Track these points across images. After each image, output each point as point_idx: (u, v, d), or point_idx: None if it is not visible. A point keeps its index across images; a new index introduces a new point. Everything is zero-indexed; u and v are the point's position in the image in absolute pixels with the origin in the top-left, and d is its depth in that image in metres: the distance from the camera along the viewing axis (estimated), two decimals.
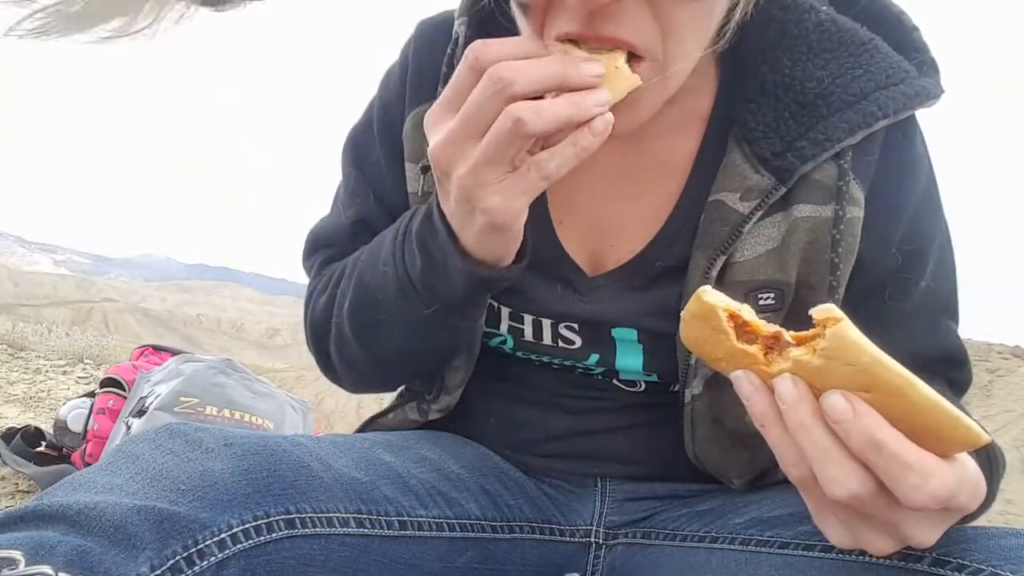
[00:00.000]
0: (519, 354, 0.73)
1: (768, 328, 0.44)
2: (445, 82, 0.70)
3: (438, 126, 0.52)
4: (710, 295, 0.44)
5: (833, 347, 0.40)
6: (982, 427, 0.43)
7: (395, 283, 0.64)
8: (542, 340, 0.71)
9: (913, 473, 0.40)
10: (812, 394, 0.42)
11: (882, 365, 0.40)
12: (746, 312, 0.45)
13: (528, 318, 0.70)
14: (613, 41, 0.52)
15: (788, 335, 0.43)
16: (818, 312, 0.42)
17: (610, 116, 0.50)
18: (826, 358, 0.41)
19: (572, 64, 0.49)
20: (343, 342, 0.73)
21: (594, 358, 0.70)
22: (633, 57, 0.52)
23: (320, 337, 0.77)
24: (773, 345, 0.44)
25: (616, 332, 0.68)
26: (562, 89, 0.49)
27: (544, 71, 0.48)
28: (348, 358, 0.74)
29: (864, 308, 0.65)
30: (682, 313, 0.47)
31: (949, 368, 0.70)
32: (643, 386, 0.72)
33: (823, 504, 0.46)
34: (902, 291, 0.67)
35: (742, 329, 0.44)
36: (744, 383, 0.45)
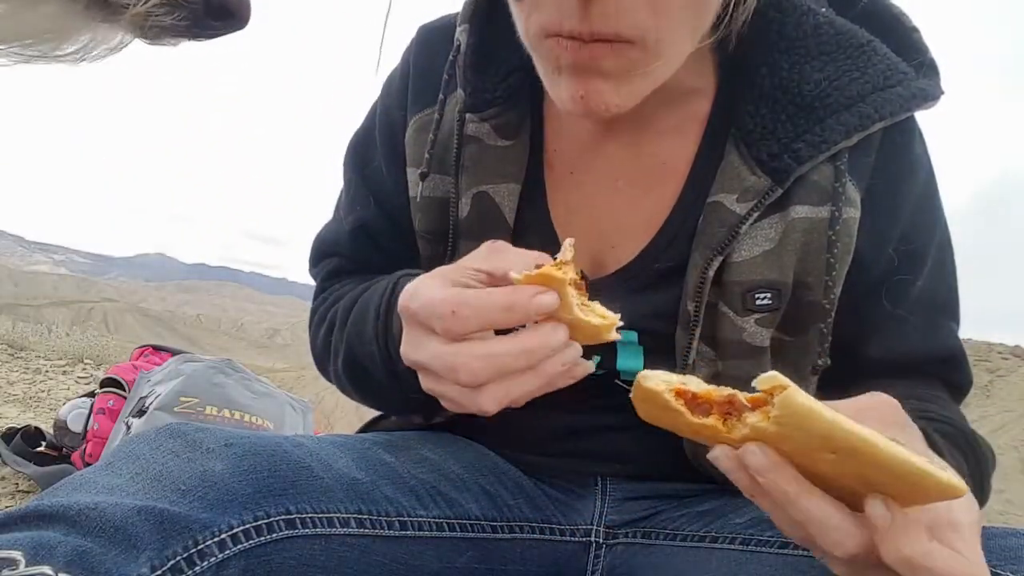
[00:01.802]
0: None
1: (721, 393, 0.43)
2: (447, 88, 0.71)
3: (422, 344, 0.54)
4: (651, 380, 0.43)
5: (784, 415, 0.39)
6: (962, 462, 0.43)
7: (382, 365, 0.66)
8: None
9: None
10: (784, 460, 0.41)
11: (838, 429, 0.38)
12: (693, 384, 0.43)
13: None
14: (608, 36, 0.52)
15: (743, 397, 0.42)
16: (761, 382, 0.40)
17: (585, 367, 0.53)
18: (780, 425, 0.40)
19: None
20: (343, 386, 0.77)
21: (595, 359, 0.70)
22: (623, 42, 0.53)
23: (322, 365, 0.80)
24: (730, 411, 0.42)
25: None
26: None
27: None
28: (350, 395, 0.77)
29: (861, 308, 0.65)
30: (631, 395, 0.45)
31: (946, 369, 0.70)
32: None
33: (829, 556, 0.45)
34: (899, 291, 0.67)
35: (694, 402, 0.43)
36: (723, 460, 0.44)
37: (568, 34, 0.53)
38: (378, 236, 0.79)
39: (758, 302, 0.63)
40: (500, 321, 0.49)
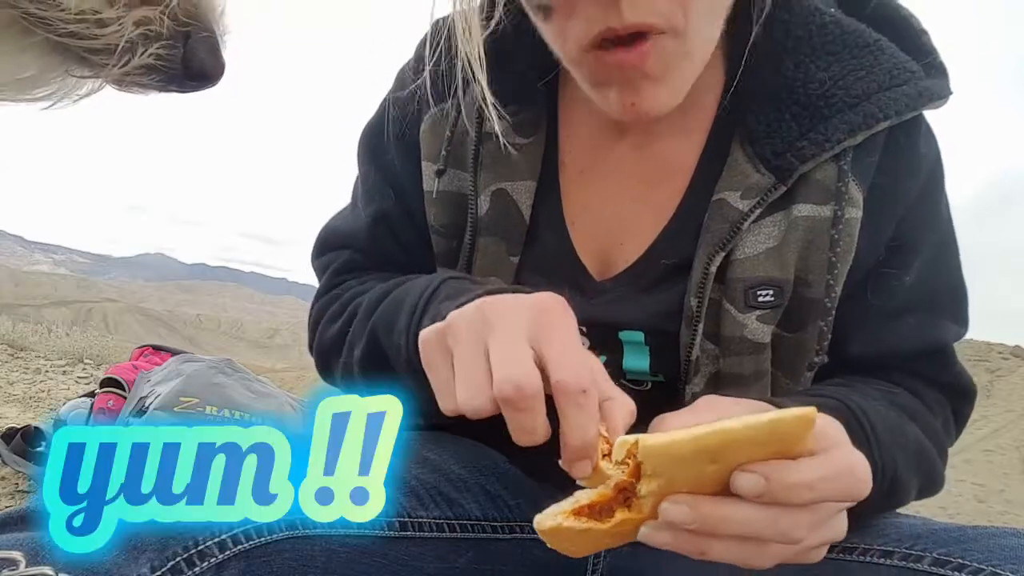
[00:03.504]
0: None
1: (608, 489, 0.43)
2: (463, 85, 0.71)
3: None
4: (546, 521, 0.43)
5: (653, 462, 0.40)
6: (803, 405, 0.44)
7: (405, 361, 0.64)
8: None
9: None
10: (698, 496, 0.42)
11: (699, 438, 0.40)
12: (583, 497, 0.44)
13: None
14: (640, 28, 0.54)
15: (621, 473, 0.43)
16: (617, 451, 0.42)
17: None
18: (659, 473, 0.41)
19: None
20: (351, 380, 0.74)
21: (602, 359, 0.70)
22: (657, 33, 0.55)
23: (326, 362, 0.78)
24: (628, 496, 0.43)
25: (623, 335, 0.68)
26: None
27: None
28: (355, 390, 0.76)
29: (852, 305, 0.65)
30: (542, 538, 0.45)
31: (930, 366, 0.69)
32: (649, 385, 0.72)
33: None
34: (885, 286, 0.67)
35: (594, 511, 0.44)
36: (655, 536, 0.44)
37: (603, 35, 0.55)
38: (398, 228, 0.78)
39: (760, 299, 0.63)
40: (568, 419, 0.46)
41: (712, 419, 0.48)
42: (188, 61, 0.42)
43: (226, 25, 0.45)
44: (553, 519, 0.43)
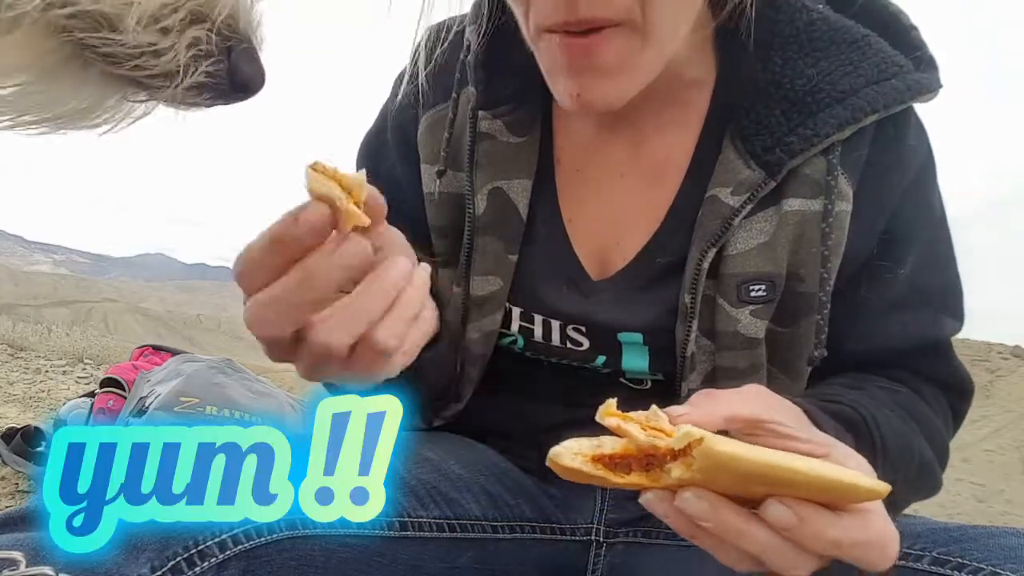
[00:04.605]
0: (528, 354, 0.74)
1: (640, 442, 0.42)
2: (459, 86, 0.72)
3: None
4: (564, 457, 0.43)
5: (707, 465, 0.40)
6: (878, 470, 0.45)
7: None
8: (551, 341, 0.71)
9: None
10: (721, 497, 0.42)
11: (763, 466, 0.39)
12: (607, 445, 0.43)
13: (538, 318, 0.71)
14: (594, 23, 0.54)
15: (662, 445, 0.42)
16: (679, 440, 0.41)
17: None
18: (705, 471, 0.40)
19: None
20: None
21: (601, 360, 0.70)
22: (612, 26, 0.55)
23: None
24: (651, 461, 0.43)
25: (622, 336, 0.69)
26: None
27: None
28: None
29: (844, 301, 0.66)
30: (549, 464, 0.45)
31: (928, 362, 0.69)
32: (649, 383, 0.72)
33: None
34: (878, 281, 0.67)
35: (613, 463, 0.43)
36: (657, 505, 0.43)
37: (559, 26, 0.55)
38: None
39: (752, 294, 0.64)
40: (274, 256, 0.43)
41: (757, 410, 0.48)
42: (232, 74, 0.43)
43: (263, 35, 0.46)
44: (572, 460, 0.43)
